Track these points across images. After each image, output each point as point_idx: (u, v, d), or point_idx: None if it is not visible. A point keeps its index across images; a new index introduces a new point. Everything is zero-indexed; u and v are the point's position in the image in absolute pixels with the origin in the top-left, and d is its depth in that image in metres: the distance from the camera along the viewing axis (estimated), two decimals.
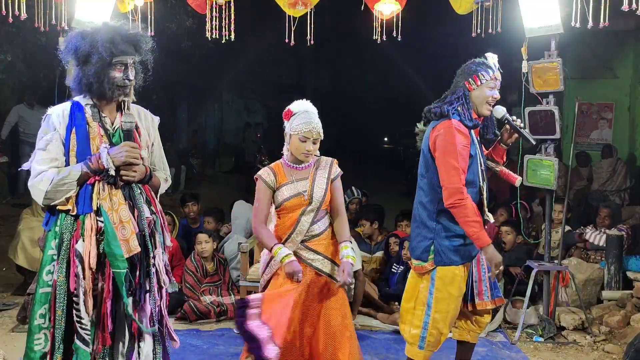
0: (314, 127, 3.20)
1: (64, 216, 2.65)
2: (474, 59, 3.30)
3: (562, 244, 5.11)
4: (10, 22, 4.58)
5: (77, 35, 2.69)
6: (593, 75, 9.80)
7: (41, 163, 2.62)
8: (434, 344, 3.27)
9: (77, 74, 2.69)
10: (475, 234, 3.04)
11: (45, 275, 2.66)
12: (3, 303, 5.21)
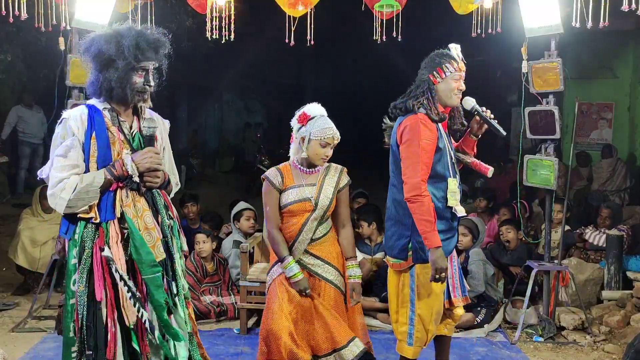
0: (336, 133, 3.24)
1: (84, 224, 2.58)
2: (437, 51, 3.27)
3: (562, 244, 5.11)
4: (11, 22, 4.57)
5: (100, 38, 2.61)
6: (593, 75, 9.80)
7: (61, 170, 2.54)
8: (422, 340, 3.29)
9: (97, 77, 2.61)
10: (426, 234, 3.04)
11: (73, 286, 2.60)
12: (3, 303, 5.21)
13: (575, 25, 4.22)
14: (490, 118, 3.33)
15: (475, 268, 4.94)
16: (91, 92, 2.66)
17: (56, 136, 2.59)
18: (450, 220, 3.24)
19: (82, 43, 2.68)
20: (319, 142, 3.18)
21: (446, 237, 3.19)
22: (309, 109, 3.28)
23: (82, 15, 4.56)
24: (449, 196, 3.19)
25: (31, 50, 8.90)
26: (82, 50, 2.66)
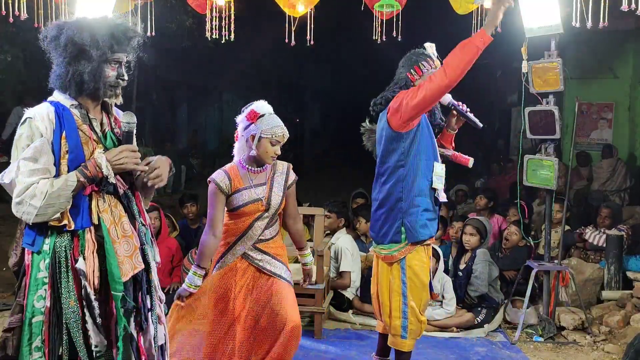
0: (285, 131, 3.22)
1: (56, 233, 2.34)
2: (413, 50, 3.39)
3: (562, 244, 5.11)
4: (10, 22, 4.57)
5: (71, 26, 2.37)
6: (593, 75, 9.80)
7: (30, 175, 2.25)
8: (416, 332, 3.38)
9: (65, 70, 2.38)
10: (476, 43, 3.08)
11: (37, 302, 2.33)
12: (3, 303, 5.20)
13: (575, 25, 4.22)
14: (467, 112, 3.45)
15: (481, 268, 4.95)
16: (57, 86, 2.43)
17: (20, 137, 2.30)
18: (432, 203, 3.35)
19: (45, 30, 2.43)
20: (269, 140, 3.14)
21: (430, 218, 3.32)
22: (257, 106, 3.22)
23: (81, 15, 4.56)
24: (434, 178, 3.30)
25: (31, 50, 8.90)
26: (48, 38, 2.40)
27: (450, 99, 3.45)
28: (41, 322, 2.33)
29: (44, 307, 2.34)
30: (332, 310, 5.09)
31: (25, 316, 2.36)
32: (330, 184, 14.19)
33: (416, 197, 3.28)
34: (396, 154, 3.28)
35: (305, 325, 4.81)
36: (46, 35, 2.42)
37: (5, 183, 2.32)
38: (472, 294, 4.94)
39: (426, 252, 3.37)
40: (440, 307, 4.86)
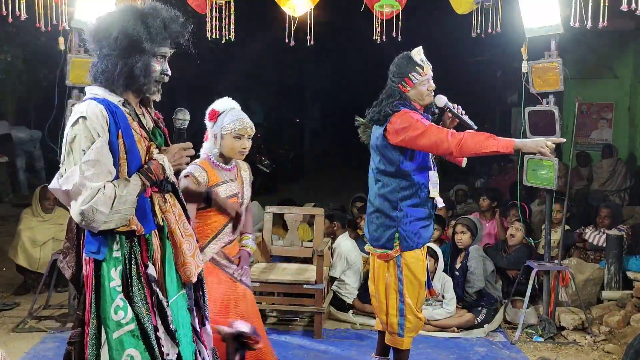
0: (247, 123, 3.18)
1: (123, 238, 2.20)
2: (400, 58, 3.39)
3: (562, 244, 5.11)
4: (10, 22, 4.57)
5: (123, 17, 2.21)
6: (593, 75, 9.80)
7: (94, 179, 2.09)
8: (413, 329, 3.40)
9: (114, 64, 2.20)
10: (497, 147, 3.13)
11: (115, 314, 2.16)
12: (3, 303, 5.21)
13: (575, 25, 4.22)
14: (462, 114, 3.48)
15: (475, 264, 4.97)
16: (101, 82, 2.25)
17: (76, 139, 2.13)
18: (429, 209, 3.39)
19: (95, 23, 2.26)
20: (232, 135, 3.13)
21: (425, 225, 3.36)
22: (217, 105, 3.21)
23: (81, 15, 4.56)
24: (430, 187, 3.34)
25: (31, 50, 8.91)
26: (99, 31, 2.23)
27: (446, 101, 3.48)
28: (129, 335, 2.17)
29: (124, 318, 2.17)
30: (332, 310, 5.09)
31: (107, 332, 2.17)
32: (330, 184, 14.20)
33: (411, 207, 3.32)
34: (393, 165, 3.33)
35: (305, 325, 4.83)
36: (94, 27, 2.25)
37: (65, 189, 2.11)
38: (470, 290, 4.94)
39: (422, 250, 3.41)
40: (440, 307, 4.86)
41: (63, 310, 5.02)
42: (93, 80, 2.28)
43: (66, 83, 4.63)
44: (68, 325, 4.72)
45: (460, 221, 5.26)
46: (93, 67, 2.27)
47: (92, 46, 2.27)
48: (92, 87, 2.28)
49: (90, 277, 2.19)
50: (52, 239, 5.62)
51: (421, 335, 4.53)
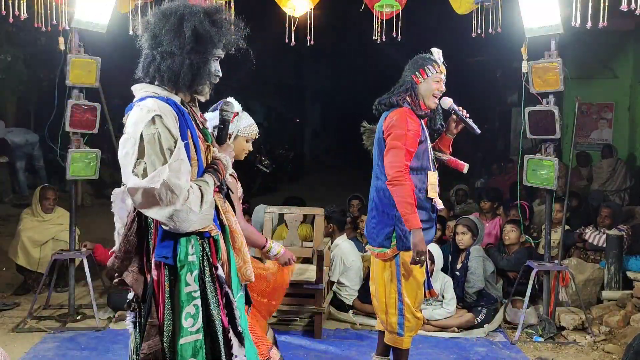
0: (257, 128, 3.25)
1: (197, 240, 2.14)
2: (420, 54, 3.44)
3: (562, 244, 5.11)
4: (11, 22, 4.58)
5: (191, 12, 2.14)
6: (593, 75, 9.80)
7: (182, 179, 2.02)
8: (412, 328, 3.41)
9: (181, 62, 2.14)
10: (407, 215, 3.17)
11: (185, 321, 2.09)
12: (3, 303, 5.21)
13: (575, 25, 4.22)
14: (466, 117, 3.47)
15: (475, 264, 4.98)
16: (163, 80, 2.17)
17: (154, 137, 2.04)
18: (429, 212, 3.38)
19: (157, 19, 2.17)
20: (245, 138, 3.16)
21: (425, 227, 3.33)
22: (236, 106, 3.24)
23: (81, 15, 4.57)
24: (429, 188, 3.35)
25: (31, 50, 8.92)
26: (164, 27, 2.14)
27: (452, 103, 3.48)
28: (194, 344, 2.11)
29: (193, 325, 2.11)
30: (332, 310, 5.09)
31: (176, 339, 2.10)
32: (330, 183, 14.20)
33: None
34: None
35: (305, 325, 4.82)
36: (157, 23, 2.17)
37: (150, 187, 2.00)
38: (470, 291, 4.94)
39: None
40: (440, 307, 4.86)
41: (63, 310, 5.02)
42: (146, 78, 2.21)
43: (66, 83, 4.63)
44: (68, 325, 4.73)
45: (461, 221, 5.26)
46: (150, 65, 2.18)
47: (150, 42, 2.19)
48: (146, 85, 2.21)
49: (163, 283, 2.10)
50: (52, 239, 5.62)
51: (421, 335, 4.53)
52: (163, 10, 2.19)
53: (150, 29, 2.18)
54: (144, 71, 2.21)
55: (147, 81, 2.21)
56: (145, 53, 2.22)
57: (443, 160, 3.60)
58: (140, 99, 2.15)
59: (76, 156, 4.69)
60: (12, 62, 8.70)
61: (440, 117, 3.57)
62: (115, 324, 4.76)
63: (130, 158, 2.05)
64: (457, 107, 3.49)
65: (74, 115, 4.63)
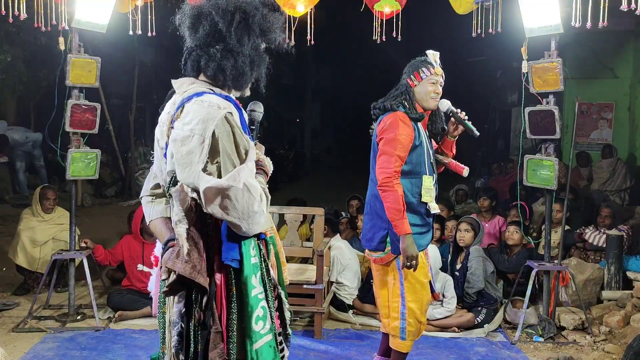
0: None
1: (256, 242, 2.10)
2: (416, 58, 3.44)
3: (562, 244, 5.11)
4: (11, 22, 4.58)
5: (258, 9, 2.07)
6: (593, 75, 9.81)
7: (253, 177, 1.96)
8: (415, 333, 3.39)
9: (244, 61, 2.06)
10: (395, 221, 3.17)
11: (256, 324, 2.03)
12: (3, 303, 5.20)
13: (575, 25, 4.22)
14: (465, 119, 3.44)
15: (475, 264, 4.97)
16: (221, 78, 2.07)
17: (230, 134, 1.95)
18: (424, 216, 3.35)
19: (216, 10, 2.03)
20: None
21: (420, 232, 3.32)
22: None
23: (81, 15, 4.57)
24: (423, 192, 3.31)
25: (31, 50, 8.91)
26: (232, 19, 2.03)
27: (449, 105, 3.46)
28: (267, 346, 2.06)
29: (263, 328, 2.05)
30: (332, 310, 5.09)
31: (247, 346, 2.03)
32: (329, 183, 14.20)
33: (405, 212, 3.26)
34: None
35: (305, 325, 4.82)
36: (225, 18, 2.04)
37: (227, 186, 1.89)
38: (469, 291, 4.94)
39: (422, 253, 3.35)
40: (440, 306, 4.86)
41: (63, 310, 5.02)
42: (194, 72, 2.11)
43: (66, 83, 4.63)
44: (68, 325, 4.73)
45: (465, 219, 5.24)
46: (209, 61, 2.05)
47: (208, 39, 2.06)
48: (195, 79, 2.10)
49: (226, 287, 2.03)
50: (52, 239, 5.62)
51: (421, 335, 4.52)
52: (222, 5, 2.05)
53: (209, 24, 2.03)
54: (196, 67, 2.09)
55: (193, 75, 2.11)
56: (197, 47, 2.08)
57: (444, 164, 3.57)
58: (197, 94, 2.01)
59: (76, 156, 4.69)
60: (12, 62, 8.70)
61: (442, 119, 3.55)
62: (115, 324, 4.76)
63: (196, 156, 1.90)
64: (456, 109, 3.47)
65: (74, 115, 4.63)
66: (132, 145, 11.72)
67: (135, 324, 4.78)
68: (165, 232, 2.11)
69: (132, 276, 5.10)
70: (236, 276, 2.02)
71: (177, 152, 1.93)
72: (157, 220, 2.18)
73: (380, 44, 5.23)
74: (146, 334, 4.60)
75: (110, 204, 10.51)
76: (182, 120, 1.95)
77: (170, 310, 2.04)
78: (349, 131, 24.14)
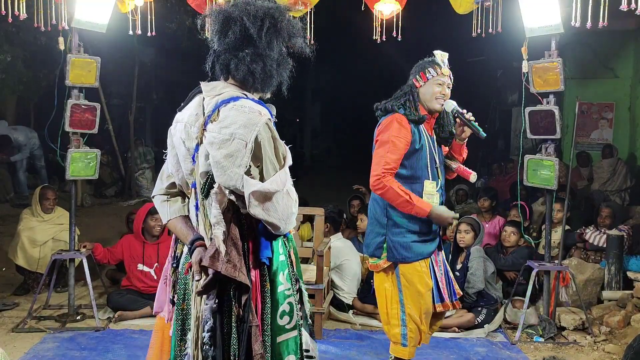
0: None
1: (282, 238, 2.19)
2: (425, 58, 3.36)
3: (563, 244, 5.10)
4: (10, 22, 4.57)
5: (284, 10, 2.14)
6: (593, 75, 9.81)
7: (290, 180, 2.08)
8: (416, 339, 3.32)
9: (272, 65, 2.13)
10: (411, 210, 3.11)
11: (281, 319, 2.14)
12: (3, 303, 5.20)
13: (575, 25, 4.21)
14: (471, 120, 3.33)
15: (476, 265, 4.97)
16: (258, 81, 2.14)
17: (271, 140, 2.04)
18: (426, 223, 3.24)
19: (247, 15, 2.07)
20: None
21: (422, 239, 3.23)
22: None
23: (81, 15, 4.56)
24: (424, 197, 3.22)
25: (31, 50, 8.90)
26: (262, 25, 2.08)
27: (455, 105, 3.33)
28: (292, 341, 2.16)
29: (289, 323, 2.15)
30: (332, 310, 5.08)
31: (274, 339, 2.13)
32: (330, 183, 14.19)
33: (401, 218, 3.21)
34: None
35: None
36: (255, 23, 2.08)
37: (274, 190, 2.00)
38: (470, 291, 4.94)
39: (422, 261, 3.26)
40: None
41: (63, 310, 5.01)
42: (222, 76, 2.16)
43: (66, 83, 4.63)
44: (68, 326, 4.72)
45: (465, 220, 5.23)
46: (239, 65, 2.10)
47: (238, 43, 2.10)
48: (233, 85, 2.14)
49: (259, 283, 2.11)
50: (52, 239, 5.62)
51: None
52: (252, 10, 2.09)
53: (239, 29, 2.08)
54: (225, 70, 2.14)
55: (223, 78, 2.17)
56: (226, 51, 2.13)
57: (452, 168, 3.47)
58: (233, 98, 2.06)
59: (76, 156, 4.69)
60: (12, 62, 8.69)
61: (450, 124, 3.42)
62: (115, 324, 4.76)
63: (238, 160, 1.97)
64: (462, 109, 3.35)
65: (74, 115, 4.62)
66: (132, 145, 11.72)
67: (135, 324, 4.78)
68: (187, 231, 2.15)
69: (132, 276, 5.10)
70: (268, 273, 2.12)
71: (216, 155, 1.98)
72: (176, 219, 2.20)
73: (380, 44, 5.22)
74: (146, 334, 4.59)
75: (110, 204, 10.51)
76: (220, 123, 2.00)
77: (198, 307, 2.07)
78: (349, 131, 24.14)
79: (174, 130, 2.19)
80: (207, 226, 2.07)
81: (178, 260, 2.25)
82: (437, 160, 3.34)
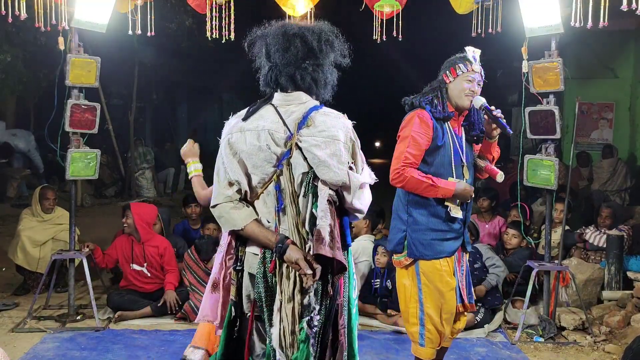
0: None
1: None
2: (457, 54, 3.32)
3: (562, 244, 5.10)
4: (10, 22, 4.57)
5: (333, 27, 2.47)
6: (593, 75, 9.81)
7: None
8: (434, 340, 3.24)
9: (329, 72, 2.45)
10: (437, 192, 3.11)
11: (353, 292, 2.51)
12: (3, 303, 5.20)
13: (575, 25, 4.22)
14: (499, 117, 3.27)
15: (493, 258, 5.14)
16: (321, 89, 2.44)
17: (358, 142, 2.38)
18: (447, 221, 3.20)
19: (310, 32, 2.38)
20: None
21: (442, 238, 3.18)
22: None
23: (81, 15, 4.56)
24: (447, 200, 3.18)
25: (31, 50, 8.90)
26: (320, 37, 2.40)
27: (484, 101, 3.24)
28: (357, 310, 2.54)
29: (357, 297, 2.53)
30: None
31: (350, 308, 2.47)
32: None
33: (422, 215, 3.18)
34: None
35: None
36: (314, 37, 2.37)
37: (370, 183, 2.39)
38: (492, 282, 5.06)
39: (443, 260, 3.20)
40: None
41: (63, 310, 5.02)
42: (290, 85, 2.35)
43: (66, 83, 4.63)
44: (68, 326, 4.72)
45: None
46: (305, 75, 2.35)
47: (302, 55, 2.34)
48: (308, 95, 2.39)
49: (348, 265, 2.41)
50: (52, 239, 5.62)
51: None
52: (311, 27, 2.40)
53: (301, 43, 2.33)
54: (291, 81, 2.35)
55: (291, 89, 2.37)
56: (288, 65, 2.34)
57: (481, 167, 3.41)
58: (316, 107, 2.35)
59: (76, 156, 4.69)
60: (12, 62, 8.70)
61: (481, 122, 3.33)
62: (115, 324, 4.76)
63: (342, 158, 2.25)
64: (490, 106, 3.24)
65: (74, 115, 4.62)
66: (132, 145, 11.72)
67: (135, 324, 4.78)
68: (267, 232, 2.28)
69: (129, 276, 5.10)
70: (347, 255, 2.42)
71: (321, 155, 2.23)
72: (253, 223, 2.31)
73: (380, 43, 5.22)
74: (146, 334, 4.59)
75: (110, 204, 10.52)
76: (316, 128, 2.27)
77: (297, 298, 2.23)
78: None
79: (238, 139, 2.30)
80: (300, 223, 2.26)
81: (242, 262, 2.37)
82: (464, 159, 3.27)
